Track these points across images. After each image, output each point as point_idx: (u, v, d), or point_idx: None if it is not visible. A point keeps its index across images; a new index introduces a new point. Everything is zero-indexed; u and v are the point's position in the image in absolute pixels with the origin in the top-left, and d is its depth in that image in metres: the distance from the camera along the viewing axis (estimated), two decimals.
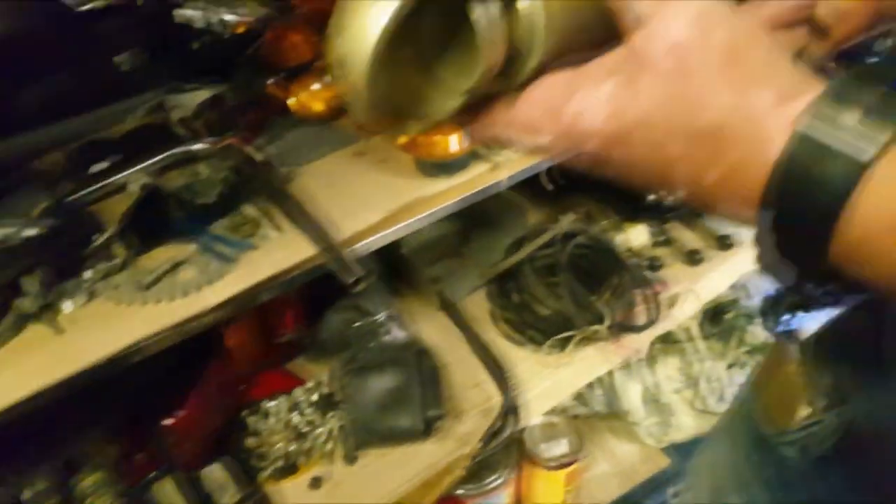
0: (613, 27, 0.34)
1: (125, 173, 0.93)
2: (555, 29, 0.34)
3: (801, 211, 0.31)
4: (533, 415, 1.12)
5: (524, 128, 0.36)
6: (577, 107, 0.34)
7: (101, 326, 0.79)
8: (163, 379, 1.02)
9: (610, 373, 1.40)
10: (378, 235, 0.92)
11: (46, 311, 0.80)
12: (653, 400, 1.40)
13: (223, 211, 0.91)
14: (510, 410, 1.08)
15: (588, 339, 1.16)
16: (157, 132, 1.01)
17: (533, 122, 0.36)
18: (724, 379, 1.41)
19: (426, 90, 0.38)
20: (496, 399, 1.11)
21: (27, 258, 0.80)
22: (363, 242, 0.91)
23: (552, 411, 1.26)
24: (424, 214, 0.95)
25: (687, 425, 1.40)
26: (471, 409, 1.11)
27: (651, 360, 1.40)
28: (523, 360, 1.18)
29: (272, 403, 1.10)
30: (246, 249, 0.88)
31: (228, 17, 1.00)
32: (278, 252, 0.87)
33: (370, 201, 0.94)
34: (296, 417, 1.09)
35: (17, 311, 0.78)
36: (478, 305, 1.27)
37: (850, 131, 0.29)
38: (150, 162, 0.94)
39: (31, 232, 0.80)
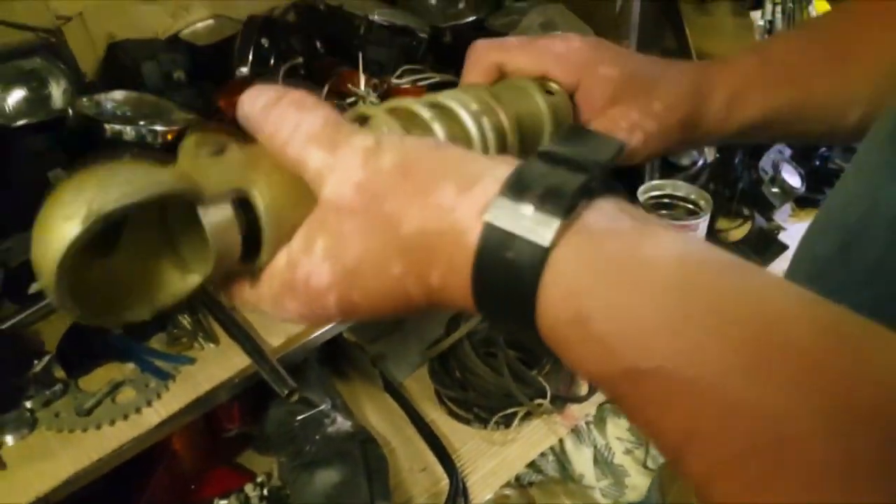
0: None
1: None
2: (283, 221, 0.37)
3: (502, 298, 0.32)
4: (483, 495, 1.15)
5: (272, 302, 0.39)
6: (302, 274, 0.37)
7: (43, 458, 0.80)
8: (111, 488, 1.02)
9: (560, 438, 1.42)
10: (313, 335, 0.95)
11: None
12: (604, 462, 1.42)
13: (159, 325, 0.94)
14: (458, 493, 1.10)
15: (532, 414, 1.19)
16: None
17: (276, 296, 0.39)
18: None
19: (164, 269, 0.38)
20: (445, 482, 1.14)
21: None
22: (300, 343, 0.94)
23: (505, 484, 1.28)
24: None
25: (641, 485, 1.43)
26: (420, 494, 1.13)
27: (600, 422, 1.43)
28: (470, 439, 1.20)
29: (223, 502, 1.11)
30: (184, 364, 0.90)
31: (158, 127, 1.03)
32: (215, 365, 0.90)
33: None
34: None
35: None
36: (421, 383, 1.30)
37: (529, 219, 0.31)
38: None
39: None
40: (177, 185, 0.33)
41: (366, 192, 0.35)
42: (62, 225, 0.30)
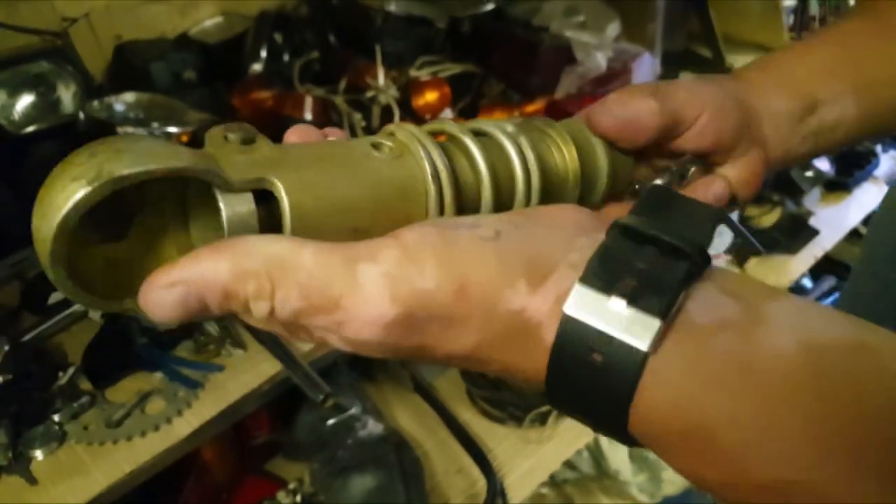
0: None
1: None
2: (306, 225, 0.33)
3: (588, 401, 0.28)
4: (521, 495, 1.12)
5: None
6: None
7: (74, 472, 0.78)
8: (143, 502, 1.00)
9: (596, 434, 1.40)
10: None
11: (18, 461, 0.79)
12: (640, 457, 1.40)
13: (186, 333, 0.90)
14: (496, 495, 1.07)
15: None
16: None
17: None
18: None
19: (174, 259, 0.35)
20: (481, 483, 1.11)
21: None
22: (330, 347, 0.90)
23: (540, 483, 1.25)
24: None
25: (678, 479, 1.40)
26: (456, 496, 1.10)
27: None
28: (505, 438, 1.17)
29: None
30: (212, 372, 0.87)
31: (172, 129, 1.00)
32: (245, 372, 0.87)
33: None
34: None
35: None
36: (453, 383, 1.27)
37: (621, 317, 0.27)
38: None
39: None
40: (197, 163, 0.30)
41: (403, 326, 0.28)
42: (68, 185, 0.28)
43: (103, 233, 0.33)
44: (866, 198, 1.55)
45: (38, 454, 0.79)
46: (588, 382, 0.27)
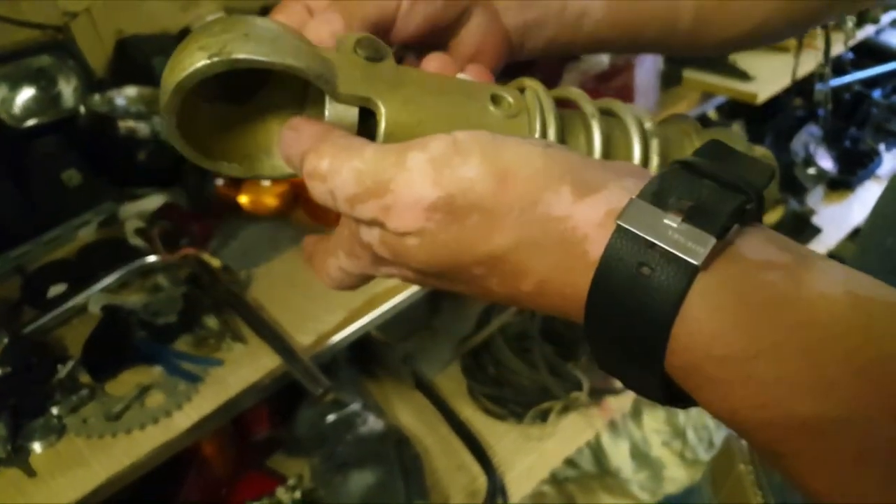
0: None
1: (84, 295, 0.92)
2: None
3: (627, 320, 0.27)
4: (521, 492, 1.11)
5: (346, 249, 0.36)
6: (365, 238, 0.33)
7: (73, 465, 0.77)
8: (142, 496, 0.99)
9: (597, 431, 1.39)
10: (343, 335, 0.91)
11: (18, 453, 0.78)
12: (642, 455, 1.39)
13: (185, 326, 0.90)
14: (496, 492, 1.07)
15: (569, 407, 1.15)
16: (112, 247, 1.00)
17: (349, 241, 0.35)
18: (712, 427, 1.41)
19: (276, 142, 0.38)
20: (482, 480, 1.10)
21: None
22: (329, 343, 0.90)
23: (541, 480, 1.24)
24: (389, 306, 0.95)
25: (679, 477, 1.39)
26: (457, 493, 1.10)
27: (636, 414, 1.39)
28: (505, 435, 1.17)
29: None
30: (212, 366, 0.86)
31: None
32: (245, 367, 0.86)
33: (332, 299, 0.93)
34: None
35: None
36: (454, 379, 1.26)
37: (677, 230, 0.26)
38: (108, 280, 0.93)
39: None
40: (313, 65, 0.33)
41: (444, 212, 0.30)
42: (194, 52, 0.31)
43: (228, 92, 0.36)
44: (869, 196, 1.54)
45: (38, 447, 0.79)
46: (633, 300, 0.27)
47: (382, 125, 0.34)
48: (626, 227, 0.27)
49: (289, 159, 0.34)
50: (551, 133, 0.37)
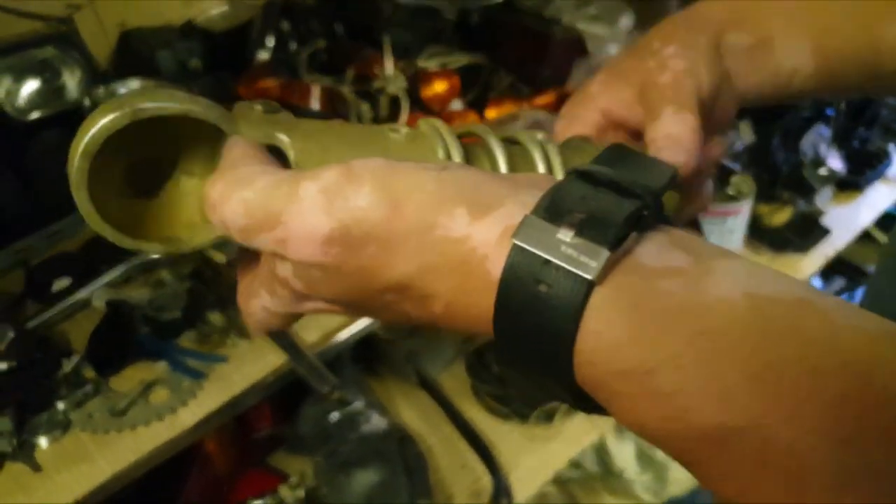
0: None
1: (88, 289, 0.91)
2: None
3: (532, 339, 0.27)
4: (526, 492, 1.10)
5: (266, 287, 0.35)
6: (281, 273, 0.33)
7: (78, 460, 0.77)
8: (145, 492, 0.99)
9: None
10: (349, 332, 0.90)
11: (23, 448, 0.78)
12: (646, 456, 1.38)
13: (189, 322, 0.89)
14: (501, 492, 1.06)
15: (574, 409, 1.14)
16: None
17: (269, 279, 0.34)
18: None
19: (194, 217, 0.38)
20: (486, 479, 1.09)
21: None
22: (335, 341, 0.89)
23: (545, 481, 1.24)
24: None
25: (683, 478, 1.39)
26: (460, 492, 1.09)
27: None
28: (510, 435, 1.16)
29: (258, 503, 1.07)
30: (216, 363, 0.86)
31: None
32: (249, 364, 0.85)
33: None
34: None
35: None
36: (457, 378, 1.25)
37: (569, 245, 0.26)
38: (112, 275, 0.92)
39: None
40: (214, 111, 0.34)
41: (340, 244, 0.30)
42: (98, 116, 0.32)
43: (138, 191, 0.37)
44: (878, 198, 1.53)
45: (43, 441, 0.78)
46: (534, 317, 0.27)
47: (291, 154, 0.34)
48: (521, 244, 0.27)
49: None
50: (456, 156, 0.38)
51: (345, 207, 0.30)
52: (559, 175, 0.40)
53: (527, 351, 0.28)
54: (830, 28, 0.48)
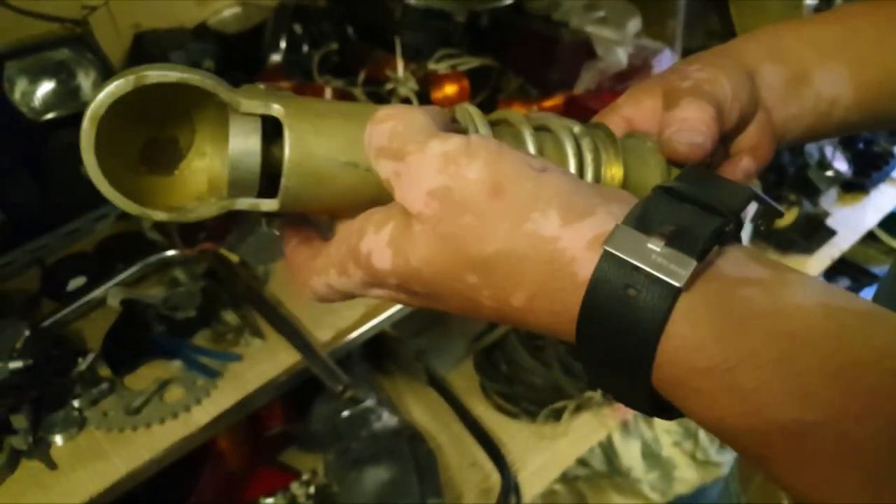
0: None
1: (103, 288, 0.92)
2: (309, 155, 0.36)
3: (615, 338, 0.29)
4: (534, 490, 1.11)
5: (338, 265, 0.37)
6: (365, 248, 0.35)
7: (93, 458, 0.78)
8: (158, 489, 1.00)
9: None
10: (360, 331, 0.91)
11: (38, 445, 0.79)
12: (653, 455, 1.39)
13: (204, 321, 0.90)
14: (510, 489, 1.07)
15: (582, 407, 1.15)
16: (130, 240, 1.00)
17: (343, 258, 0.36)
18: None
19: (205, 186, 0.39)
20: (495, 477, 1.10)
21: (14, 393, 0.78)
22: (347, 339, 0.90)
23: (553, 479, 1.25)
24: None
25: (690, 477, 1.40)
26: (470, 490, 1.10)
27: None
28: (519, 433, 1.17)
29: (270, 501, 1.08)
30: (231, 361, 0.87)
31: None
32: (263, 362, 0.86)
33: None
34: None
35: (8, 449, 0.77)
36: (466, 376, 1.26)
37: (659, 254, 0.28)
38: (126, 274, 0.93)
39: (16, 365, 0.79)
40: (213, 80, 0.35)
41: (440, 201, 0.32)
42: (106, 84, 0.33)
43: (153, 171, 0.38)
44: (883, 199, 1.54)
45: (58, 439, 0.79)
46: (620, 319, 0.29)
47: (286, 121, 0.36)
48: (613, 251, 0.29)
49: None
50: (482, 129, 0.39)
51: (455, 174, 0.32)
52: (589, 169, 0.40)
53: (609, 350, 0.30)
54: (866, 58, 0.49)
